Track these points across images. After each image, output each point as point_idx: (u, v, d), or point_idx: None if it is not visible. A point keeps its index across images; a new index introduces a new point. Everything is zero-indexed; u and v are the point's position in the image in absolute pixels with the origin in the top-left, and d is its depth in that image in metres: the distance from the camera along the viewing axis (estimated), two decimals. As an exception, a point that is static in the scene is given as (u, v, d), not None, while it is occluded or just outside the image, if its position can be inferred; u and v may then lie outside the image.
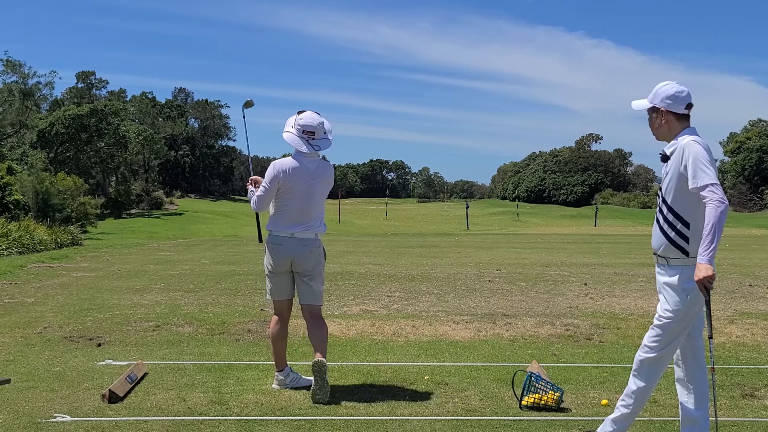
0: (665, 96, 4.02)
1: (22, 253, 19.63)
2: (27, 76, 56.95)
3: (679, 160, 3.89)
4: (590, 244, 26.86)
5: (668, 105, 4.01)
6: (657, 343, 3.97)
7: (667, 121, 4.02)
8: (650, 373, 4.02)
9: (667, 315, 3.93)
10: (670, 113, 4.01)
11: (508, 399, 5.20)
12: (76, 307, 9.15)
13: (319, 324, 5.44)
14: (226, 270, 14.54)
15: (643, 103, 4.13)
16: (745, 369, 6.19)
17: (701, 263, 3.68)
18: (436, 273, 14.04)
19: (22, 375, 5.73)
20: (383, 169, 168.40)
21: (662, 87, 4.06)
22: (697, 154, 3.81)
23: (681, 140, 3.95)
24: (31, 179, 35.30)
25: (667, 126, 4.03)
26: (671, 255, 3.95)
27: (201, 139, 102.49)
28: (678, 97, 4.01)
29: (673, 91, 4.01)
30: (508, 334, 7.59)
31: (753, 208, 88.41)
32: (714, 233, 3.66)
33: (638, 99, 4.20)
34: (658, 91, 4.06)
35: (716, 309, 9.17)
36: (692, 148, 3.84)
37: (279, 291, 5.51)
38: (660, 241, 4.00)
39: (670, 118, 4.02)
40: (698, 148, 3.84)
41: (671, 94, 4.01)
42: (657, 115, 4.06)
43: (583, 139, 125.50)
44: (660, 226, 4.02)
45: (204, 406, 4.95)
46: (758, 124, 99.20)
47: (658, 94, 4.05)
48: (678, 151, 3.91)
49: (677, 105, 4.01)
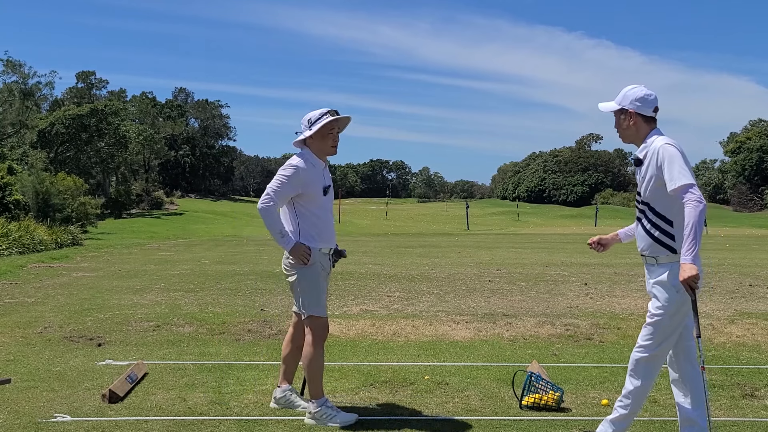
0: (634, 98, 4.06)
1: (22, 253, 19.63)
2: (27, 76, 57.02)
3: (654, 162, 3.93)
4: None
5: (637, 107, 4.06)
6: (651, 342, 4.00)
7: (635, 123, 4.08)
8: (646, 373, 4.04)
9: (659, 312, 3.97)
10: (639, 115, 4.07)
11: (508, 399, 5.20)
12: (76, 307, 9.15)
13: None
14: (226, 270, 14.54)
15: (611, 105, 4.18)
16: (745, 369, 6.19)
17: (685, 263, 3.74)
18: (436, 273, 14.04)
19: (22, 375, 5.73)
20: (383, 169, 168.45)
21: (631, 90, 4.11)
22: (673, 155, 3.86)
23: (652, 142, 4.00)
24: (32, 179, 35.30)
25: (635, 128, 4.09)
26: (659, 254, 4.00)
27: (201, 139, 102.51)
28: (647, 100, 4.06)
29: (642, 93, 4.07)
30: (508, 334, 7.59)
31: (753, 208, 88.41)
32: (695, 233, 3.72)
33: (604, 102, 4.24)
34: (627, 93, 4.10)
35: (716, 309, 9.17)
36: (667, 150, 3.89)
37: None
38: (646, 243, 4.05)
39: (639, 121, 4.07)
40: (673, 150, 3.88)
41: (640, 97, 4.06)
42: (625, 117, 4.11)
43: (583, 139, 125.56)
44: (644, 227, 4.06)
45: (204, 406, 4.95)
46: (758, 124, 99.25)
47: (627, 97, 4.09)
48: (651, 153, 3.96)
49: (646, 108, 4.06)
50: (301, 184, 4.70)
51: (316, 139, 4.80)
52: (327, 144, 4.84)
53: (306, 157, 4.78)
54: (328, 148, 4.86)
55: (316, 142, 4.81)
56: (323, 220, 4.82)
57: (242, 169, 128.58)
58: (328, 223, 4.86)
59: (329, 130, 4.81)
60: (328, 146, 4.85)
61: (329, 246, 4.83)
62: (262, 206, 4.66)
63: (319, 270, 4.75)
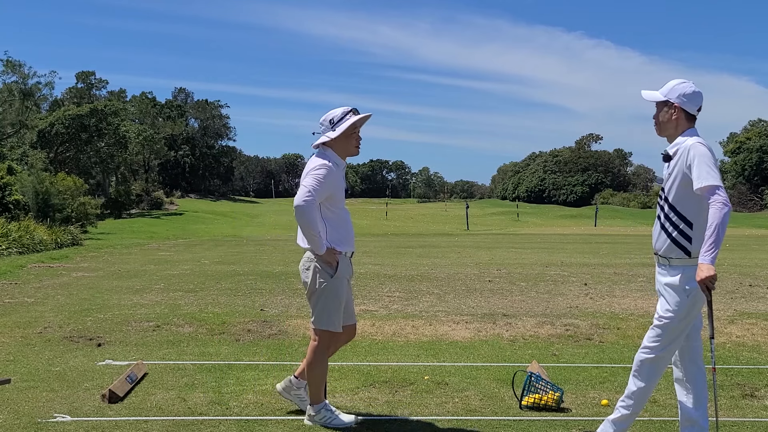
0: (682, 93, 3.99)
1: (22, 253, 19.63)
2: (27, 76, 56.96)
3: (683, 161, 3.87)
4: (590, 244, 26.87)
5: (683, 102, 3.98)
6: (657, 344, 3.96)
7: (678, 118, 4.00)
8: (650, 374, 4.01)
9: (668, 315, 3.92)
10: (683, 111, 3.99)
11: (508, 399, 5.20)
12: (76, 307, 9.15)
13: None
14: (226, 270, 14.54)
15: (655, 95, 4.08)
16: (745, 369, 6.19)
17: (703, 263, 3.68)
18: (436, 273, 14.04)
19: (22, 375, 5.73)
20: (383, 169, 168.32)
21: (680, 84, 4.02)
22: (703, 155, 3.80)
23: (684, 141, 3.93)
24: (31, 179, 35.25)
25: (676, 123, 4.01)
26: (673, 255, 3.93)
27: (201, 139, 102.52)
28: (694, 97, 3.99)
29: (691, 90, 3.99)
30: (508, 334, 7.59)
31: (753, 208, 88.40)
32: (717, 234, 3.65)
33: (648, 90, 4.15)
34: (675, 87, 4.02)
35: (716, 309, 9.17)
36: (698, 149, 3.83)
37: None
38: (662, 242, 3.99)
39: (681, 116, 3.99)
40: (704, 150, 3.82)
41: (689, 93, 3.98)
42: (668, 109, 4.02)
43: (583, 139, 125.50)
44: (662, 225, 3.99)
45: (204, 406, 4.95)
46: (758, 124, 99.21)
47: (674, 90, 4.01)
48: (682, 151, 3.90)
49: (692, 105, 4.00)
50: (332, 186, 4.51)
51: (340, 140, 4.59)
52: (351, 144, 4.65)
53: (332, 158, 4.58)
54: (352, 149, 4.68)
55: (340, 142, 4.60)
56: (347, 222, 4.68)
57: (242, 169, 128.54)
58: (350, 226, 4.73)
59: (353, 130, 4.63)
60: (352, 146, 4.67)
61: (352, 249, 4.71)
62: (305, 201, 4.34)
63: (344, 282, 4.60)
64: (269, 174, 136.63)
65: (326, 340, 4.62)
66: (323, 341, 4.61)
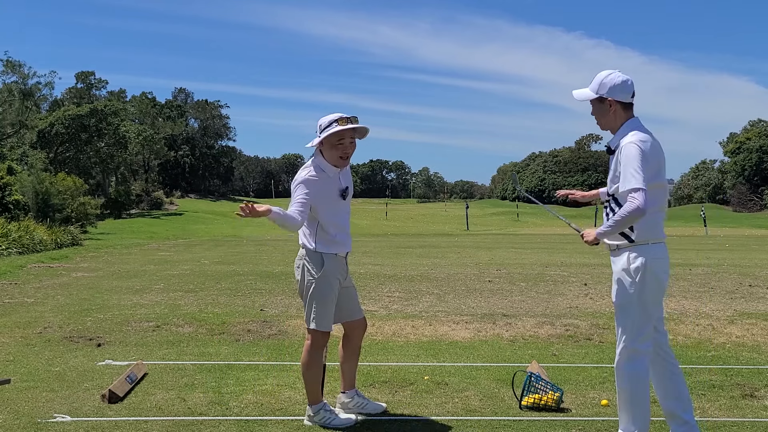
0: (612, 85, 3.99)
1: (22, 253, 19.64)
2: (27, 76, 57.00)
3: (617, 159, 3.93)
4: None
5: (615, 94, 3.99)
6: (627, 335, 3.96)
7: (615, 111, 4.02)
8: (633, 374, 4.00)
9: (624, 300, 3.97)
10: (618, 103, 4.00)
11: (508, 399, 5.20)
12: (76, 307, 9.15)
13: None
14: (226, 270, 14.55)
15: (587, 93, 4.08)
16: (745, 369, 6.19)
17: (593, 231, 4.06)
18: (436, 273, 14.04)
19: (22, 375, 5.73)
20: (383, 169, 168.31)
21: (608, 76, 4.01)
22: (630, 157, 3.82)
23: (622, 136, 3.96)
24: (31, 179, 35.27)
25: (614, 116, 4.03)
26: (619, 243, 4.03)
27: (201, 139, 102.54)
28: (625, 87, 3.99)
29: (621, 80, 3.99)
30: (508, 335, 7.59)
31: (753, 208, 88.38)
32: (617, 222, 3.84)
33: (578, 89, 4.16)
34: (604, 81, 4.01)
35: (716, 309, 9.18)
36: (628, 150, 3.85)
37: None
38: None
39: (617, 108, 4.01)
40: (632, 151, 3.83)
41: (619, 83, 3.98)
42: (604, 105, 4.03)
43: (582, 140, 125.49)
44: (607, 216, 4.09)
45: (204, 406, 4.95)
46: (758, 124, 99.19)
47: (604, 84, 4.00)
48: (618, 149, 3.94)
49: (625, 94, 4.00)
50: (312, 197, 4.43)
51: (325, 148, 4.50)
52: (335, 154, 4.50)
53: (316, 165, 4.52)
54: (336, 159, 4.51)
55: (325, 150, 4.50)
56: (340, 224, 4.61)
57: (242, 169, 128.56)
58: (345, 227, 4.67)
59: (338, 140, 4.46)
60: (336, 157, 4.50)
61: (345, 250, 4.68)
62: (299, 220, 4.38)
63: (334, 282, 4.58)
64: (269, 174, 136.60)
65: (318, 340, 4.62)
66: (315, 341, 4.62)
